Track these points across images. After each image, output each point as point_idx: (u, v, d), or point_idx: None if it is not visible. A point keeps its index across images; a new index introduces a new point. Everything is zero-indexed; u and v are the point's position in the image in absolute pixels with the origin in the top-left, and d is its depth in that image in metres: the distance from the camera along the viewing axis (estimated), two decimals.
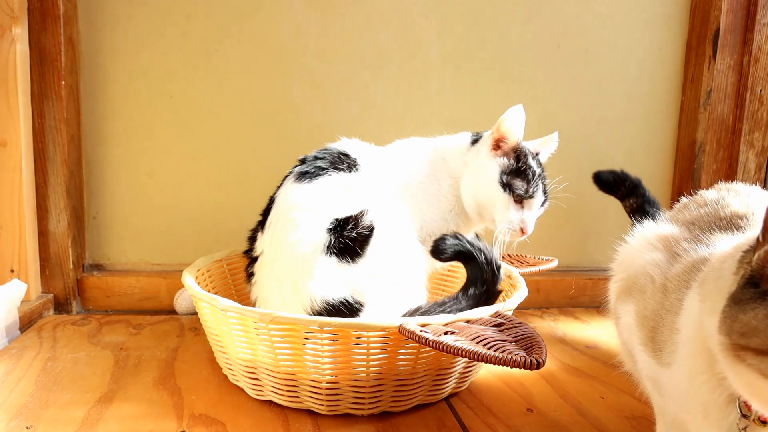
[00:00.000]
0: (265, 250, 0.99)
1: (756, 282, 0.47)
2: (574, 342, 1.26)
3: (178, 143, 1.39)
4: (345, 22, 1.40)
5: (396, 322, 0.83)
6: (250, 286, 1.03)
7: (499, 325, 0.85)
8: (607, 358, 1.15)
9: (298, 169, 1.02)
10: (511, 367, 0.71)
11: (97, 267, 1.42)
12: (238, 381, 0.98)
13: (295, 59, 1.40)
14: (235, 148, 1.41)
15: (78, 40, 1.33)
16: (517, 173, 1.03)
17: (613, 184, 1.16)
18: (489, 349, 0.75)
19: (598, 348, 1.23)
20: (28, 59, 1.25)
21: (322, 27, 1.40)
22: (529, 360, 0.71)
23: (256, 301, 1.01)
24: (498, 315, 0.89)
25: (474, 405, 0.96)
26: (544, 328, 1.35)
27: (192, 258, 1.16)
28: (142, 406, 0.90)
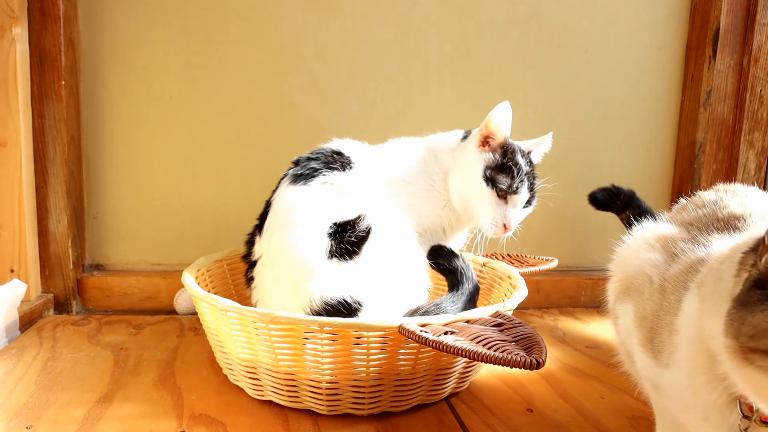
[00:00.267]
0: (264, 253, 0.99)
1: (763, 284, 0.47)
2: (574, 342, 1.26)
3: (178, 143, 1.39)
4: (345, 21, 1.40)
5: (396, 322, 0.83)
6: (250, 290, 1.04)
7: (499, 325, 0.85)
8: (607, 358, 1.15)
9: (292, 172, 1.02)
10: (511, 367, 0.71)
11: (97, 267, 1.42)
12: (238, 381, 0.98)
13: (295, 59, 1.40)
14: (235, 147, 1.41)
15: (78, 40, 1.33)
16: (502, 168, 1.02)
17: (609, 201, 1.16)
18: (489, 349, 0.75)
19: (598, 348, 1.23)
20: (28, 59, 1.25)
21: (322, 27, 1.40)
22: (529, 360, 0.71)
23: (257, 304, 1.01)
24: (498, 315, 0.89)
25: (474, 405, 0.96)
26: (544, 328, 1.35)
27: (192, 258, 1.16)
28: (142, 406, 0.90)
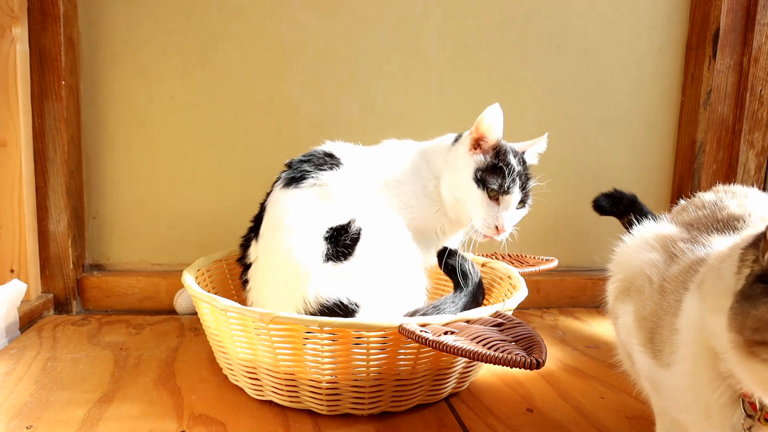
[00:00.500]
0: (260, 256, 1.00)
1: (765, 279, 0.47)
2: (574, 342, 1.26)
3: (178, 143, 1.39)
4: (345, 21, 1.40)
5: (396, 322, 0.83)
6: (245, 293, 1.04)
7: (499, 325, 0.85)
8: (607, 358, 1.15)
9: (285, 175, 1.02)
10: (511, 367, 0.71)
11: (97, 267, 1.42)
12: (238, 381, 0.98)
13: (295, 59, 1.40)
14: (235, 147, 1.41)
15: (78, 40, 1.33)
16: (493, 169, 1.01)
17: (612, 206, 1.17)
18: (489, 349, 0.75)
19: (598, 348, 1.23)
20: (28, 59, 1.25)
21: (322, 26, 1.40)
22: (529, 360, 0.71)
23: (252, 306, 1.01)
24: (498, 315, 0.89)
25: (474, 405, 0.96)
26: (544, 328, 1.35)
27: (192, 258, 1.16)
28: (142, 406, 0.90)
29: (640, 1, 1.50)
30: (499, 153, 1.03)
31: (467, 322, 0.86)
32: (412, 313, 0.93)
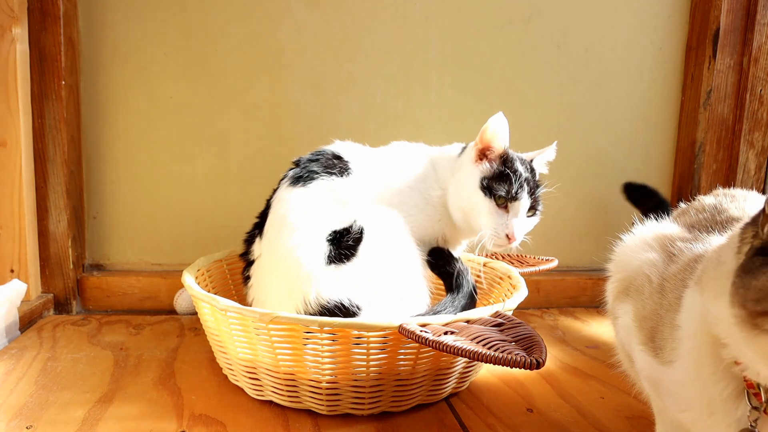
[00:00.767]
0: (263, 253, 1.00)
1: (766, 251, 0.47)
2: (574, 342, 1.26)
3: (178, 143, 1.39)
4: (345, 21, 1.40)
5: (396, 322, 0.83)
6: (247, 289, 1.04)
7: (499, 325, 0.85)
8: (607, 358, 1.15)
9: (292, 173, 1.02)
10: (511, 367, 0.71)
11: (97, 267, 1.42)
12: (238, 381, 0.98)
13: (294, 59, 1.40)
14: (235, 148, 1.41)
15: (78, 40, 1.33)
16: (500, 177, 1.00)
17: (641, 197, 1.17)
18: (489, 349, 0.75)
19: (598, 348, 1.23)
20: (28, 59, 1.25)
21: (322, 27, 1.40)
22: (529, 360, 0.71)
23: (253, 302, 1.01)
24: (498, 315, 0.89)
25: (474, 405, 0.96)
26: (544, 328, 1.35)
27: (192, 258, 1.16)
28: (142, 406, 0.90)
29: (640, 1, 1.50)
30: (506, 161, 1.01)
31: (467, 322, 0.86)
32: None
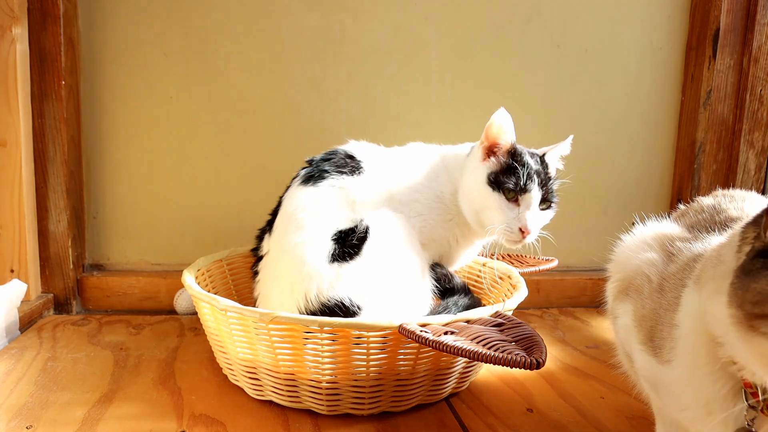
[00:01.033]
0: (271, 249, 1.00)
1: (767, 254, 0.47)
2: (574, 342, 1.26)
3: (178, 143, 1.39)
4: (345, 21, 1.40)
5: (396, 321, 0.83)
6: (255, 284, 1.04)
7: (499, 325, 0.85)
8: (607, 358, 1.15)
9: (304, 172, 1.03)
10: (511, 367, 0.71)
11: (97, 267, 1.42)
12: (238, 381, 0.98)
13: (295, 59, 1.40)
14: (235, 148, 1.41)
15: (78, 40, 1.33)
16: (507, 170, 0.98)
17: None
18: (489, 349, 0.75)
19: (598, 348, 1.23)
20: (28, 59, 1.25)
21: (322, 27, 1.40)
22: (529, 360, 0.71)
23: (258, 297, 1.02)
24: (498, 315, 0.89)
25: (474, 405, 0.96)
26: (544, 328, 1.35)
27: (192, 258, 1.16)
28: (142, 406, 0.90)
29: (640, 1, 1.50)
30: (514, 155, 0.99)
31: (467, 322, 0.86)
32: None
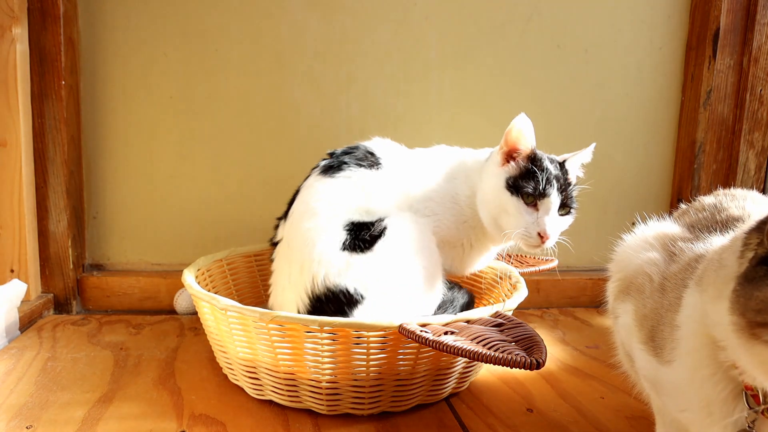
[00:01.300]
0: (285, 235, 1.01)
1: None
2: (574, 342, 1.26)
3: (178, 143, 1.39)
4: (345, 21, 1.40)
5: (396, 321, 0.83)
6: (272, 270, 1.05)
7: (499, 325, 0.85)
8: (607, 358, 1.15)
9: (324, 163, 1.04)
10: (511, 367, 0.71)
11: (97, 267, 1.42)
12: (238, 381, 0.98)
13: (295, 59, 1.40)
14: (235, 147, 1.41)
15: (78, 40, 1.33)
16: (526, 174, 0.97)
17: None
18: (489, 349, 0.75)
19: (598, 348, 1.23)
20: (28, 59, 1.25)
21: (322, 27, 1.40)
22: (529, 360, 0.71)
23: (272, 284, 1.03)
24: (498, 315, 0.89)
25: (474, 405, 0.96)
26: (544, 328, 1.35)
27: (192, 258, 1.16)
28: (142, 406, 0.90)
29: (640, 1, 1.50)
30: (533, 160, 0.98)
31: (467, 322, 0.86)
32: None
